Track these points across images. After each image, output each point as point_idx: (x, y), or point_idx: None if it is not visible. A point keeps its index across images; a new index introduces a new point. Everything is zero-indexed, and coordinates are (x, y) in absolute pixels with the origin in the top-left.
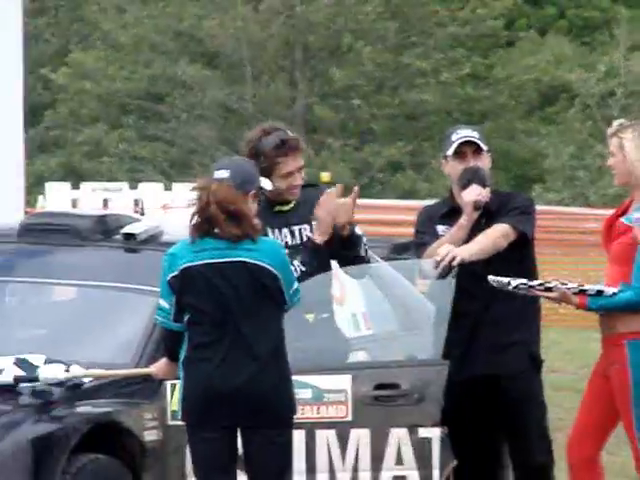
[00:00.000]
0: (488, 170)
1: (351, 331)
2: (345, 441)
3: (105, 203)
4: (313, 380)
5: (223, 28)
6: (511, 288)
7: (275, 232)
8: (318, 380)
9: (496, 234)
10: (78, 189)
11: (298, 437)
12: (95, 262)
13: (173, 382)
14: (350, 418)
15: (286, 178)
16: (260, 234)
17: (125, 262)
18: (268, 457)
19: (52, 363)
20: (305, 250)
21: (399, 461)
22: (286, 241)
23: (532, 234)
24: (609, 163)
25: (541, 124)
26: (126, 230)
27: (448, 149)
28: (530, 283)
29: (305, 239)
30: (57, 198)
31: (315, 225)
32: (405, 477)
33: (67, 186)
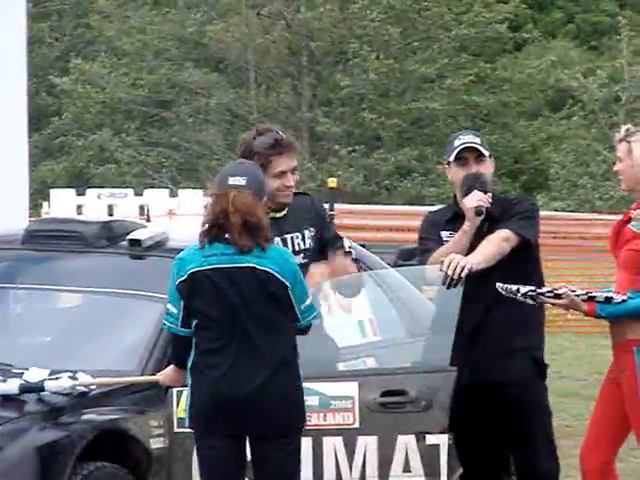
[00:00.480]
0: (490, 176)
1: (358, 337)
2: (352, 448)
3: (110, 209)
4: (320, 387)
5: (228, 32)
6: (519, 295)
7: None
8: (325, 387)
9: (498, 239)
10: (83, 195)
11: (305, 444)
12: (100, 268)
13: (179, 389)
14: (357, 425)
15: (279, 178)
16: (271, 244)
17: (131, 268)
18: (277, 465)
19: (57, 375)
20: None
21: (407, 468)
22: None
23: (536, 239)
24: (616, 168)
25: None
26: (131, 236)
27: (450, 155)
28: (539, 290)
29: (297, 247)
30: (62, 204)
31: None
32: None
33: (72, 192)
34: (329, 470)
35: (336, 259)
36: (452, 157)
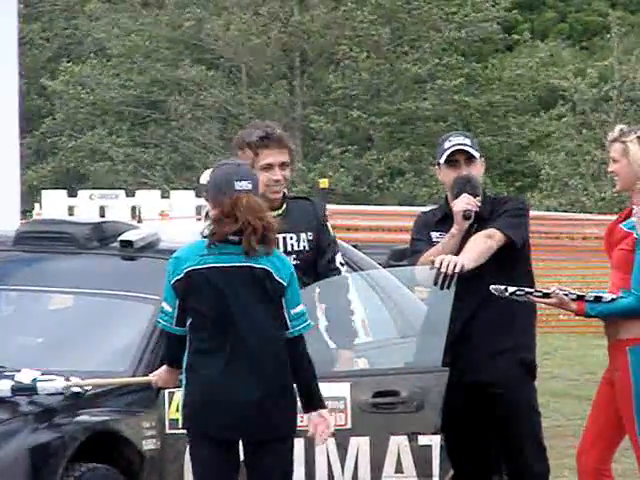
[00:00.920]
0: (480, 177)
1: None
2: (344, 449)
3: (102, 210)
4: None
5: (227, 30)
6: (508, 294)
7: None
8: None
9: (484, 237)
10: (75, 197)
11: (297, 445)
12: (92, 270)
13: (171, 390)
14: (349, 426)
15: (266, 171)
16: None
17: (122, 269)
18: (269, 467)
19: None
20: None
21: (399, 469)
22: None
23: (523, 239)
24: (610, 169)
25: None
26: (123, 237)
27: (441, 157)
28: (528, 290)
29: (290, 248)
30: (54, 206)
31: None
32: None
33: (64, 194)
34: (321, 471)
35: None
36: (442, 159)
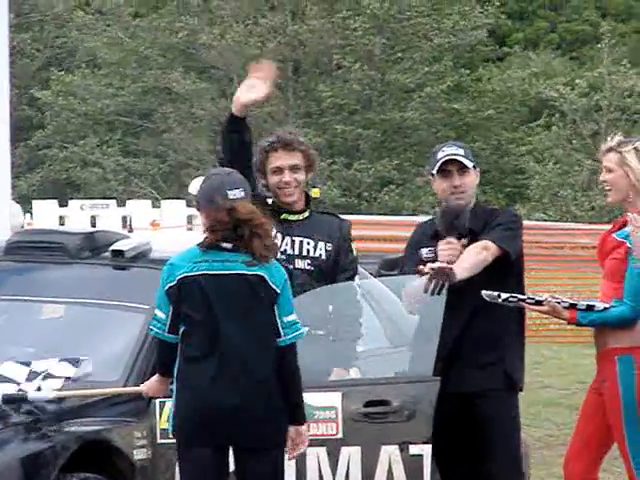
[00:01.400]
0: (474, 187)
1: None
2: (336, 459)
3: (93, 220)
4: (304, 397)
5: (222, 40)
6: (501, 301)
7: (277, 235)
8: (308, 397)
9: (478, 249)
10: (66, 206)
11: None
12: (83, 279)
13: (162, 400)
14: (340, 435)
15: (276, 174)
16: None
17: (114, 279)
18: (260, 475)
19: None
20: None
21: (390, 478)
22: (285, 248)
23: (517, 252)
24: (604, 179)
25: (528, 136)
26: (114, 247)
27: (434, 167)
28: (520, 297)
29: (305, 252)
30: (45, 216)
31: None
32: None
33: (55, 204)
34: None
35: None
36: (435, 169)
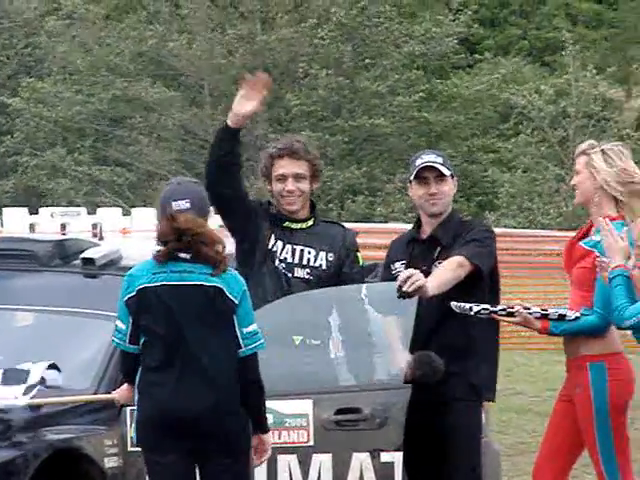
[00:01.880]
0: (451, 196)
1: None
2: (307, 466)
3: (63, 227)
4: (274, 405)
5: (190, 49)
6: (473, 313)
7: (278, 243)
8: (279, 405)
9: (454, 266)
10: (36, 214)
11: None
12: (54, 287)
13: (133, 408)
14: (312, 443)
15: (280, 182)
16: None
17: (84, 287)
18: None
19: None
20: None
21: None
22: (285, 256)
23: (490, 269)
24: (573, 182)
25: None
26: (85, 255)
27: (411, 174)
28: (492, 308)
29: (305, 261)
30: (15, 223)
31: None
32: None
33: (25, 211)
34: None
35: None
36: (412, 176)
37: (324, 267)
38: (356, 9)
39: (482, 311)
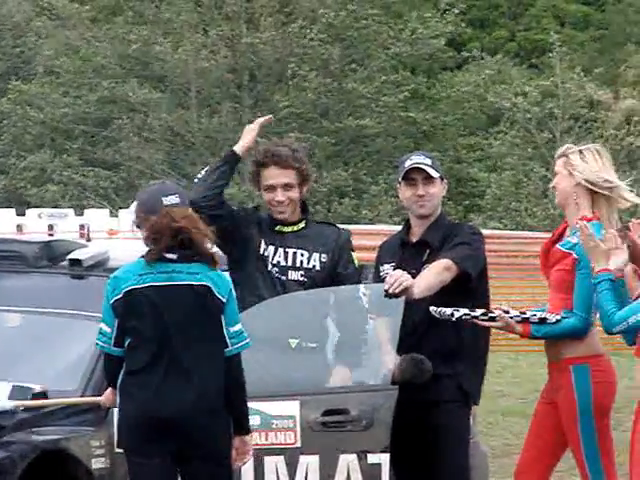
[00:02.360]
0: (440, 198)
1: None
2: (294, 468)
3: (51, 228)
4: (261, 406)
5: (174, 52)
6: (454, 319)
7: (269, 248)
8: (266, 406)
9: (440, 269)
10: (23, 215)
11: (247, 464)
12: (41, 288)
13: None
14: (299, 444)
15: (269, 191)
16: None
17: (71, 288)
18: None
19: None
20: None
21: None
22: (278, 260)
23: (477, 272)
24: (552, 184)
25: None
26: (72, 256)
27: (400, 175)
28: (473, 313)
29: (298, 264)
30: (2, 224)
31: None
32: None
33: (12, 212)
34: None
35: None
36: (400, 177)
37: (318, 268)
38: (345, 11)
39: (463, 316)
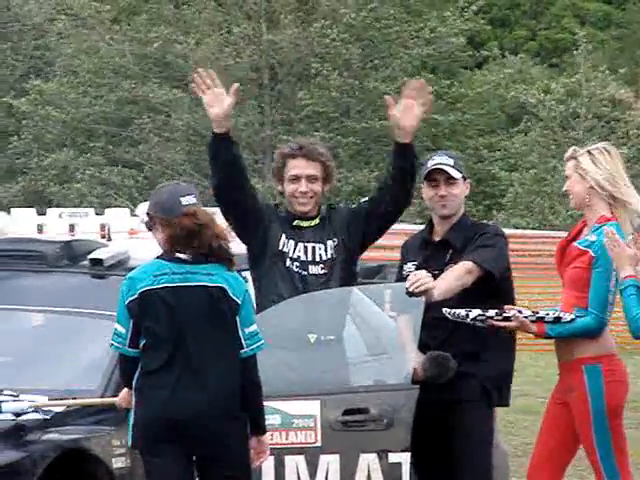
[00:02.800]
0: (462, 198)
1: None
2: (314, 467)
3: (72, 228)
4: (281, 406)
5: (196, 48)
6: (469, 320)
7: (290, 242)
8: (287, 406)
9: (462, 272)
10: (44, 215)
11: (267, 463)
12: (62, 288)
13: None
14: (319, 444)
15: (293, 182)
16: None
17: (92, 288)
18: None
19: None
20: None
21: None
22: (299, 255)
23: (500, 272)
24: (565, 188)
25: (506, 141)
26: (93, 256)
27: (422, 175)
28: (487, 314)
29: (318, 258)
30: (23, 224)
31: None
32: None
33: (33, 212)
34: None
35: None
36: (423, 177)
37: (334, 255)
38: (365, 10)
39: (478, 317)
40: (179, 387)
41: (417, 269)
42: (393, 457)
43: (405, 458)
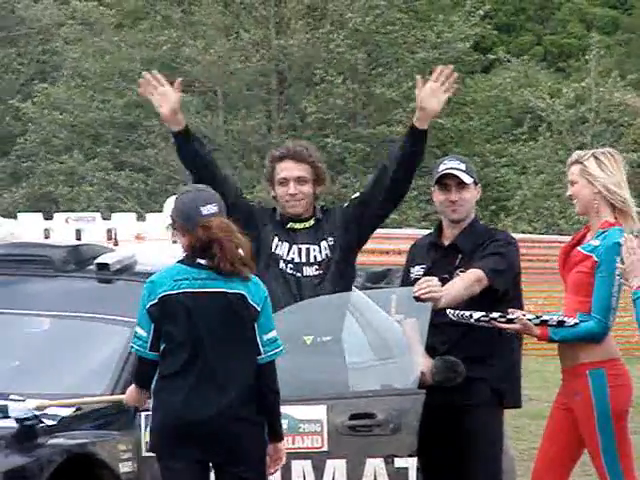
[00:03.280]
0: (473, 203)
1: None
2: (321, 472)
3: (78, 233)
4: (288, 410)
5: (207, 55)
6: (473, 321)
7: (283, 245)
8: (293, 410)
9: (472, 281)
10: (51, 219)
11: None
12: (69, 292)
13: (148, 413)
14: (326, 448)
15: (282, 185)
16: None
17: (99, 292)
18: None
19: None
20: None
21: None
22: (292, 257)
23: (506, 287)
24: (569, 193)
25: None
26: (99, 260)
27: (434, 179)
28: (491, 315)
29: (312, 259)
30: (29, 228)
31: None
32: None
33: (39, 216)
34: None
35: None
36: (434, 182)
37: (329, 255)
38: (372, 15)
39: (482, 318)
40: (195, 392)
41: (425, 273)
42: (399, 462)
43: (412, 463)
